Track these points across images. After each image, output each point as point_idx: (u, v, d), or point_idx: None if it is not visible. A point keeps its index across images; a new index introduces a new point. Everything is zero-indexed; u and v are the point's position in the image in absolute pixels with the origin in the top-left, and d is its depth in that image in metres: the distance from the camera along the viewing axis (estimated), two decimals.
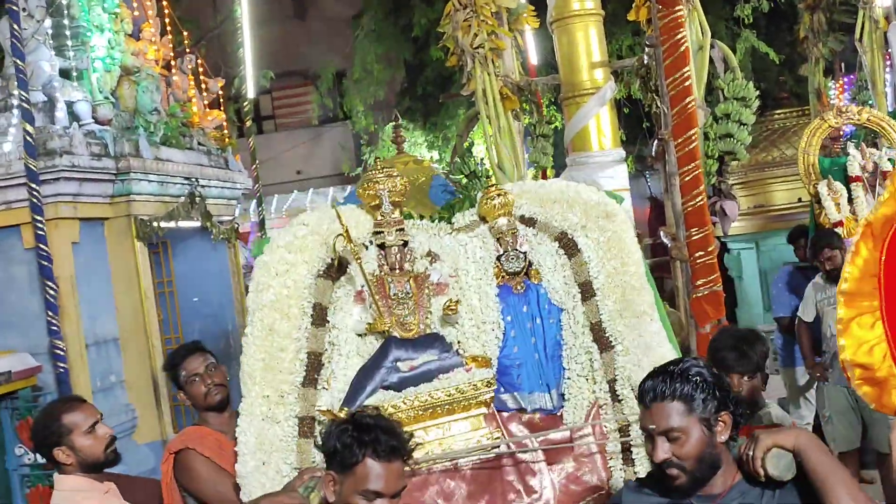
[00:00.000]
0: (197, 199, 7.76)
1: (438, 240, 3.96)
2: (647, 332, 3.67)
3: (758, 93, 6.49)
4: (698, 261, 5.17)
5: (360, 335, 3.75)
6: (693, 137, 5.26)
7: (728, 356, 3.83)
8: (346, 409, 3.50)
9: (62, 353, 6.36)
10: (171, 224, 7.51)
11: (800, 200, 10.55)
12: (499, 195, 3.95)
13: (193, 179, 7.91)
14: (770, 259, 11.33)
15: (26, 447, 6.00)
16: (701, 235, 5.18)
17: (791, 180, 10.65)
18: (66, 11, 7.21)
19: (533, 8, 6.75)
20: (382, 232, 3.82)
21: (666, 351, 3.63)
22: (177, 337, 8.04)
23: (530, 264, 3.87)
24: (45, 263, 6.33)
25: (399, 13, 14.46)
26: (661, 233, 5.93)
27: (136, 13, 8.13)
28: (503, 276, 3.86)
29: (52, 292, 6.35)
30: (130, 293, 7.19)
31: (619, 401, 3.62)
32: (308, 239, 3.81)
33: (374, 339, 3.75)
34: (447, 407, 3.54)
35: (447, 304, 3.71)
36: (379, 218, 3.85)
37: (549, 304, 3.83)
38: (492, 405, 3.65)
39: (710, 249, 5.18)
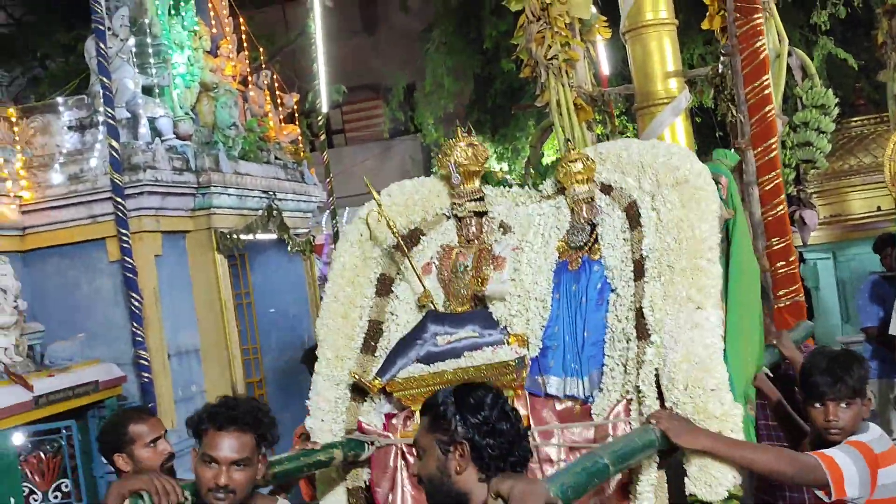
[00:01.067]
0: (274, 211, 7.90)
1: (515, 210, 3.85)
2: (688, 323, 3.16)
3: (836, 100, 6.39)
4: (779, 271, 5.09)
5: (420, 306, 3.77)
6: (773, 146, 5.21)
7: (820, 381, 3.26)
8: (378, 379, 3.55)
9: (146, 364, 6.53)
10: (250, 236, 7.65)
11: (878, 209, 10.30)
12: (577, 160, 3.63)
13: (271, 193, 8.06)
14: (848, 269, 11.05)
15: None
16: (782, 245, 5.11)
17: (869, 189, 10.40)
18: (148, 30, 7.42)
19: (605, 19, 6.74)
20: (457, 203, 3.82)
21: (699, 348, 3.10)
22: (254, 347, 8.18)
23: (597, 239, 3.59)
24: (130, 276, 6.52)
25: (469, 25, 14.53)
26: None
27: (214, 30, 8.33)
28: (566, 250, 3.64)
29: (136, 304, 6.52)
30: (211, 304, 7.35)
31: (642, 398, 3.19)
32: (390, 210, 3.81)
33: None
34: None
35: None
36: (453, 189, 3.84)
37: (604, 282, 3.50)
38: (521, 389, 3.46)
39: (791, 259, 5.12)
